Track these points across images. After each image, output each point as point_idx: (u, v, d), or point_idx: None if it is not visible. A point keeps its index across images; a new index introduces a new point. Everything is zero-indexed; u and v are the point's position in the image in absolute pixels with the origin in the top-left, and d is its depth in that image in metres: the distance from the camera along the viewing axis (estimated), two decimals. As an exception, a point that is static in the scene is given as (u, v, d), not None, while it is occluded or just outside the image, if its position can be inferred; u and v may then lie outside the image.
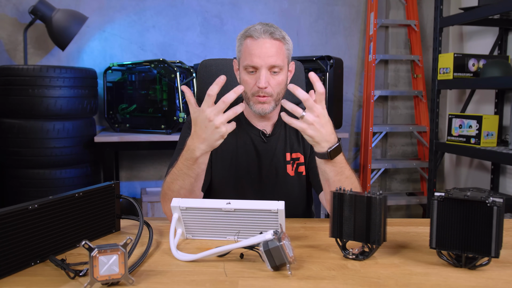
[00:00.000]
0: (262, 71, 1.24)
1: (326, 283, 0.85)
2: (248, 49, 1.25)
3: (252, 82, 1.27)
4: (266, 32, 1.24)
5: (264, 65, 1.24)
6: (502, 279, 0.87)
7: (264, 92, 1.26)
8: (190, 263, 0.94)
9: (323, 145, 1.08)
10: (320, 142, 1.07)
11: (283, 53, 1.27)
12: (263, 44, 1.24)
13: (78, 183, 2.79)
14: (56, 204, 0.96)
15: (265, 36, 1.24)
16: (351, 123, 3.58)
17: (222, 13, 3.34)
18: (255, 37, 1.25)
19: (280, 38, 1.26)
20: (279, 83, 1.28)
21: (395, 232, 1.16)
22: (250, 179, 1.37)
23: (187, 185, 1.16)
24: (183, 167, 1.14)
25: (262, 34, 1.24)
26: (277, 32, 1.26)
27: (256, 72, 1.26)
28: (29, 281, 0.86)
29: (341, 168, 1.12)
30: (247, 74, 1.27)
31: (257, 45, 1.24)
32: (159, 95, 2.85)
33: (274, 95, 1.28)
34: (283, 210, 0.99)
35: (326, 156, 1.09)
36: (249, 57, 1.25)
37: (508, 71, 2.46)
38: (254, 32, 1.25)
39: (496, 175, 2.83)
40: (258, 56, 1.23)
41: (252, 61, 1.24)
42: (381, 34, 3.53)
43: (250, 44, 1.25)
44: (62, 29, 2.85)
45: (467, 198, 0.88)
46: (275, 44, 1.25)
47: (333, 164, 1.11)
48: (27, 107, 2.64)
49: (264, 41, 1.24)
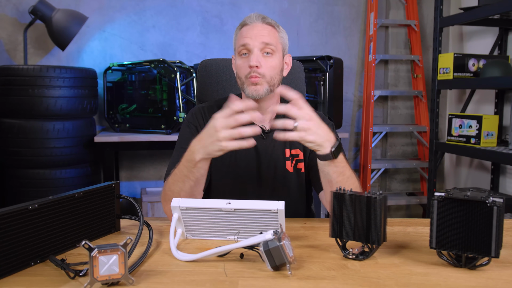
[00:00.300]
0: (253, 51, 1.27)
1: (326, 283, 0.85)
2: (241, 34, 1.30)
3: (245, 65, 1.28)
4: (258, 17, 1.30)
5: (256, 44, 1.27)
6: (502, 279, 0.87)
7: (255, 72, 1.26)
8: (190, 263, 0.94)
9: (325, 145, 1.08)
10: (323, 143, 1.07)
11: (276, 38, 1.30)
12: (255, 26, 1.29)
13: (78, 183, 2.79)
14: (56, 204, 0.96)
15: (257, 20, 1.30)
16: (351, 123, 3.58)
17: (222, 13, 3.34)
18: (248, 23, 1.30)
19: (272, 24, 1.31)
20: (272, 66, 1.29)
21: (395, 232, 1.16)
22: (248, 175, 1.37)
23: (187, 188, 1.16)
24: (183, 169, 1.15)
25: (255, 19, 1.30)
26: (269, 19, 1.31)
27: (249, 55, 1.28)
28: (29, 281, 0.86)
29: (342, 168, 1.13)
30: (241, 58, 1.30)
31: (249, 28, 1.29)
32: (159, 95, 2.85)
33: (267, 77, 1.28)
34: (283, 210, 0.99)
35: (330, 156, 1.08)
36: (241, 39, 1.29)
37: (508, 71, 2.46)
38: (248, 19, 1.31)
39: (496, 175, 2.83)
40: (249, 37, 1.27)
41: (244, 40, 1.28)
42: (381, 34, 3.53)
43: (243, 30, 1.30)
44: (62, 29, 2.85)
45: (467, 198, 0.88)
46: (267, 28, 1.29)
47: (335, 164, 1.11)
48: (27, 107, 2.64)
49: (256, 24, 1.29)
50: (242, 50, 1.29)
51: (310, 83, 3.00)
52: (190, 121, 1.38)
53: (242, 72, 1.29)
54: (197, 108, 1.42)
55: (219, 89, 1.58)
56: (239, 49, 1.30)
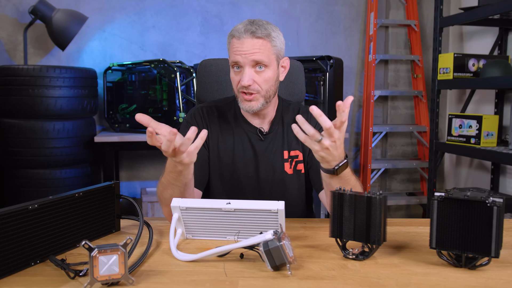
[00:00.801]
0: (245, 69, 1.26)
1: (326, 283, 0.85)
2: (233, 48, 1.28)
3: (237, 79, 1.29)
4: (247, 32, 1.25)
5: (247, 62, 1.26)
6: (502, 279, 0.87)
7: (249, 89, 1.27)
8: (190, 263, 0.94)
9: (331, 164, 1.07)
10: (329, 161, 1.07)
11: (268, 50, 1.27)
12: (244, 42, 1.26)
13: (78, 183, 2.79)
14: (56, 204, 0.96)
15: (246, 35, 1.25)
16: (351, 123, 3.58)
17: (222, 13, 3.34)
18: (237, 36, 1.27)
19: (263, 36, 1.26)
20: (266, 80, 1.28)
21: (395, 232, 1.16)
22: (247, 177, 1.37)
23: (177, 194, 1.15)
24: (170, 179, 1.13)
25: (243, 33, 1.26)
26: (259, 30, 1.26)
27: (241, 70, 1.28)
28: (29, 281, 0.86)
29: (346, 181, 1.12)
30: (234, 72, 1.31)
31: (239, 44, 1.26)
32: (159, 95, 2.85)
33: (262, 91, 1.29)
34: (283, 210, 0.99)
35: (332, 172, 1.08)
36: (233, 56, 1.28)
37: (508, 71, 2.46)
38: (236, 32, 1.27)
39: (496, 175, 2.83)
40: (240, 54, 1.26)
41: (235, 58, 1.27)
42: (381, 34, 3.53)
43: (234, 43, 1.28)
44: (62, 29, 2.85)
45: (467, 198, 0.88)
46: (258, 42, 1.26)
47: (339, 178, 1.10)
48: (27, 107, 2.64)
49: (245, 40, 1.26)
50: (234, 66, 1.29)
51: (310, 83, 3.00)
52: (189, 121, 1.39)
53: (234, 85, 1.31)
54: (196, 109, 1.42)
55: (219, 89, 1.58)
56: (231, 64, 1.30)
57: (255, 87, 1.27)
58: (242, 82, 1.26)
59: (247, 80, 1.25)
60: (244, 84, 1.26)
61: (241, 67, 1.27)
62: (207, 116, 1.40)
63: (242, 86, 1.27)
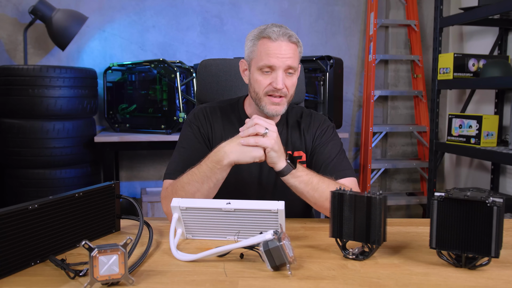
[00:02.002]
0: (279, 72, 1.25)
1: (326, 283, 0.85)
2: (266, 50, 1.26)
3: (267, 82, 1.27)
4: (285, 35, 1.25)
5: (282, 66, 1.25)
6: (502, 279, 0.87)
7: (280, 93, 1.28)
8: (190, 263, 0.94)
9: (281, 159, 1.16)
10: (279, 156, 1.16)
11: (298, 56, 1.30)
12: (281, 46, 1.25)
13: (78, 183, 2.79)
14: (56, 204, 0.96)
15: (283, 39, 1.25)
16: (351, 123, 3.58)
17: (222, 13, 3.34)
18: (273, 38, 1.25)
19: (296, 42, 1.29)
20: (294, 85, 1.31)
21: (395, 232, 1.16)
22: (251, 177, 1.37)
23: (205, 190, 1.17)
24: (206, 169, 1.16)
25: (281, 36, 1.25)
26: (293, 36, 1.28)
27: (272, 73, 1.27)
28: (29, 281, 0.86)
29: (307, 177, 1.19)
30: (262, 74, 1.28)
31: (275, 47, 1.25)
32: (159, 95, 2.85)
33: (288, 96, 1.31)
34: (283, 210, 0.99)
35: (290, 167, 1.17)
36: (266, 58, 1.25)
37: (508, 71, 2.46)
38: (272, 34, 1.25)
39: (496, 175, 2.83)
40: (276, 57, 1.24)
41: (270, 61, 1.25)
42: (381, 34, 3.53)
43: (268, 45, 1.26)
44: (62, 29, 2.85)
45: (467, 198, 0.88)
46: (292, 47, 1.27)
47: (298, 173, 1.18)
48: (27, 107, 2.64)
49: (282, 43, 1.25)
50: (265, 68, 1.27)
51: (310, 83, 3.00)
52: (192, 121, 1.38)
53: (261, 88, 1.29)
54: (199, 108, 1.42)
55: (219, 89, 1.58)
56: (260, 66, 1.27)
57: (284, 91, 1.28)
58: (277, 85, 1.25)
59: (282, 84, 1.26)
60: (280, 88, 1.26)
61: (273, 70, 1.26)
62: (211, 115, 1.39)
63: (274, 89, 1.27)
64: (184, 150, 1.34)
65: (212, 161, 1.15)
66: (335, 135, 1.41)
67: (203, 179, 1.16)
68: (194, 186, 1.17)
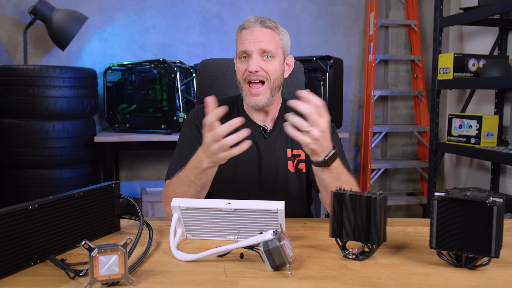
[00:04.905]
0: (253, 56, 1.27)
1: (326, 283, 0.85)
2: (241, 38, 1.30)
3: (244, 67, 1.30)
4: (257, 21, 1.29)
5: (255, 50, 1.27)
6: (502, 279, 0.87)
7: (256, 76, 1.27)
8: (190, 263, 0.94)
9: (321, 155, 1.08)
10: (320, 153, 1.08)
11: (276, 41, 1.30)
12: (253, 31, 1.29)
13: (78, 183, 2.79)
14: (56, 204, 0.96)
15: (256, 25, 1.29)
16: (351, 123, 3.58)
17: (222, 13, 3.34)
18: (247, 26, 1.30)
19: (272, 27, 1.30)
20: (275, 69, 1.30)
21: (395, 232, 1.16)
22: (250, 175, 1.37)
23: (192, 193, 1.16)
24: (189, 174, 1.15)
25: (253, 23, 1.29)
26: (268, 21, 1.30)
27: (248, 59, 1.29)
28: (29, 281, 0.86)
29: (338, 174, 1.13)
30: (240, 62, 1.31)
31: (248, 33, 1.29)
32: (159, 95, 2.85)
33: (269, 80, 1.29)
34: (283, 210, 0.99)
35: (323, 164, 1.09)
36: (241, 45, 1.30)
37: (508, 71, 2.46)
38: (246, 23, 1.31)
39: (496, 175, 2.83)
40: (248, 42, 1.28)
41: (244, 47, 1.28)
42: (381, 34, 3.53)
43: (243, 33, 1.30)
44: (62, 29, 2.85)
45: (467, 198, 0.88)
46: (266, 32, 1.29)
47: (330, 170, 1.11)
48: (27, 107, 2.64)
49: (255, 28, 1.29)
50: (242, 55, 1.30)
51: (310, 83, 3.00)
52: (192, 121, 1.39)
53: (240, 74, 1.31)
54: (199, 108, 1.42)
55: (219, 89, 1.58)
56: (239, 54, 1.31)
57: (263, 73, 1.28)
58: (250, 68, 1.26)
59: (254, 66, 1.26)
60: (252, 70, 1.26)
61: (249, 55, 1.28)
62: None
63: (249, 73, 1.27)
64: (184, 150, 1.34)
65: (194, 167, 1.13)
66: (335, 135, 1.41)
67: (189, 183, 1.15)
68: (182, 190, 1.17)
